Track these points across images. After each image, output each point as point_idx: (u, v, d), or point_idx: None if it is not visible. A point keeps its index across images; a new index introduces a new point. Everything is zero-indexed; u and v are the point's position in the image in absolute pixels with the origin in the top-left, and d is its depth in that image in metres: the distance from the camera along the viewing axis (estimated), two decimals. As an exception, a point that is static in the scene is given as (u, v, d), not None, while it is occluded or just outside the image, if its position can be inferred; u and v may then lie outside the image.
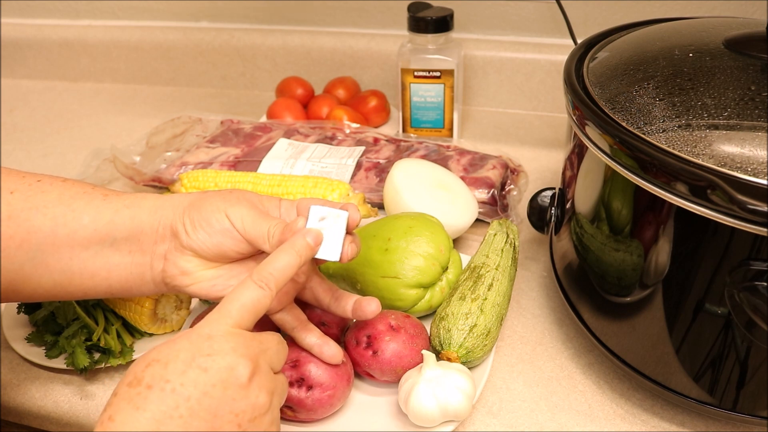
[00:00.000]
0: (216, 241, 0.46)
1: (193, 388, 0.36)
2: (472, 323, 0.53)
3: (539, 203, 0.64)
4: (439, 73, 0.84)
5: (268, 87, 1.10)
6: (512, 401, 0.55)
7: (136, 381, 0.36)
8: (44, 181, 0.49)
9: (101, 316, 0.59)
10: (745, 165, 0.39)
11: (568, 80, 0.52)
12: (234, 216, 0.46)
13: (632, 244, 0.47)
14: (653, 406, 0.54)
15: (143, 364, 0.37)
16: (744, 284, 0.41)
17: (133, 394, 0.36)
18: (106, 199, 0.48)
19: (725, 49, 0.49)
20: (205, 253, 0.46)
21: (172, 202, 0.48)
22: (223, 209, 0.46)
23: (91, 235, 0.46)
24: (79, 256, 0.47)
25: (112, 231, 0.47)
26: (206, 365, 0.37)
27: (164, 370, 0.36)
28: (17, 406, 0.58)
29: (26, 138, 1.01)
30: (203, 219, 0.46)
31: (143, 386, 0.36)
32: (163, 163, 0.84)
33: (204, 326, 0.39)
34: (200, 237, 0.46)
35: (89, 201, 0.48)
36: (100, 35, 1.14)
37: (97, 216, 0.47)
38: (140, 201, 0.48)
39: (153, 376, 0.36)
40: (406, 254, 0.57)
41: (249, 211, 0.46)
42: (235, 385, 0.37)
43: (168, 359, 0.37)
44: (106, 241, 0.47)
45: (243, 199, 0.47)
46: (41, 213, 0.46)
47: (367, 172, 0.78)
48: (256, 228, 0.45)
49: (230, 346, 0.38)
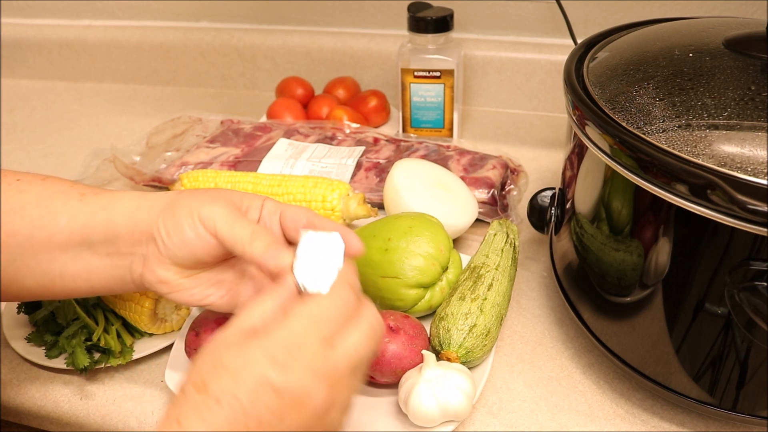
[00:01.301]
0: (191, 248, 0.44)
1: (264, 411, 0.34)
2: (471, 323, 0.53)
3: (539, 203, 0.64)
4: (439, 73, 0.84)
5: (268, 87, 1.10)
6: (512, 401, 0.55)
7: (203, 386, 0.34)
8: (23, 180, 0.48)
9: (101, 316, 0.59)
10: (745, 165, 0.39)
11: (568, 80, 0.52)
12: (206, 216, 0.43)
13: (632, 244, 0.47)
14: (653, 406, 0.54)
15: (209, 364, 0.35)
16: (744, 284, 0.41)
17: (200, 401, 0.34)
18: (82, 200, 0.47)
19: (725, 49, 0.49)
20: (181, 261, 0.45)
21: (148, 205, 0.46)
22: (196, 211, 0.44)
23: (68, 238, 0.46)
24: (58, 260, 0.46)
25: (89, 234, 0.46)
26: (279, 386, 0.34)
27: (233, 384, 0.34)
28: (17, 406, 0.58)
29: (26, 138, 1.01)
30: (177, 225, 0.44)
31: (211, 397, 0.34)
32: (163, 163, 0.84)
33: (282, 328, 0.36)
34: (175, 244, 0.44)
35: (66, 201, 0.47)
36: (100, 35, 1.14)
37: (73, 218, 0.46)
38: (116, 203, 0.46)
39: (221, 389, 0.34)
40: (406, 254, 0.57)
41: (222, 210, 0.44)
42: (311, 408, 0.34)
43: (238, 371, 0.34)
44: (83, 244, 0.46)
45: (218, 197, 0.45)
46: (19, 215, 0.46)
47: (367, 172, 0.78)
48: (229, 229, 0.43)
49: (304, 367, 0.35)
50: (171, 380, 0.53)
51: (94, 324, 0.58)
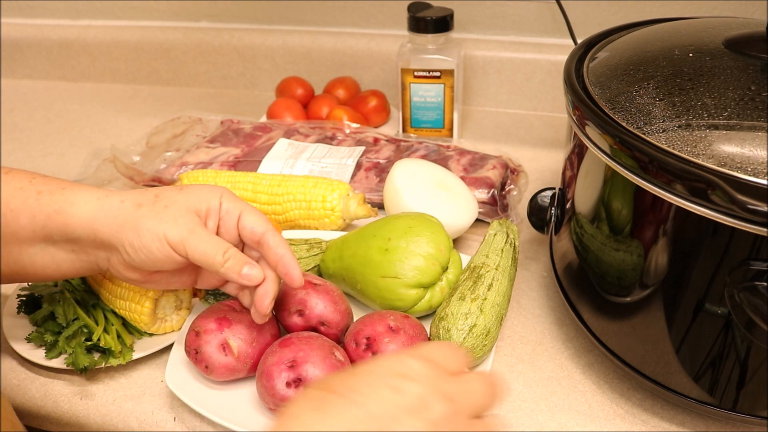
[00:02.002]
0: (158, 264, 0.46)
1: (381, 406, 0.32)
2: (471, 323, 0.53)
3: (539, 203, 0.64)
4: (439, 73, 0.84)
5: (268, 87, 1.10)
6: (512, 401, 0.55)
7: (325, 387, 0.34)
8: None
9: (101, 316, 0.59)
10: (745, 165, 0.39)
11: (568, 80, 0.52)
12: (174, 241, 0.45)
13: (632, 244, 0.47)
14: (653, 406, 0.54)
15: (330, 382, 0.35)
16: (744, 284, 0.41)
17: (317, 397, 0.33)
18: (38, 199, 0.48)
19: (725, 49, 0.49)
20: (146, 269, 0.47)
21: (104, 217, 0.46)
22: (162, 234, 0.45)
23: (31, 236, 0.48)
24: (26, 252, 0.48)
25: (49, 234, 0.47)
26: (399, 386, 0.33)
27: (353, 379, 0.34)
28: (17, 406, 0.58)
29: (26, 138, 1.01)
30: (143, 246, 0.45)
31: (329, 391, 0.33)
32: (163, 163, 0.84)
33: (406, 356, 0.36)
34: (142, 260, 0.46)
35: (24, 200, 0.48)
36: (100, 35, 1.14)
37: (32, 219, 0.47)
38: (70, 208, 0.47)
39: (341, 384, 0.34)
40: (406, 254, 0.57)
41: (189, 234, 0.45)
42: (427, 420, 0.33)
43: (359, 371, 0.34)
44: (46, 241, 0.48)
45: (179, 215, 0.46)
46: None
47: (367, 172, 0.78)
48: (201, 252, 0.45)
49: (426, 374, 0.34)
50: (171, 380, 0.53)
51: (94, 324, 0.58)
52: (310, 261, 0.63)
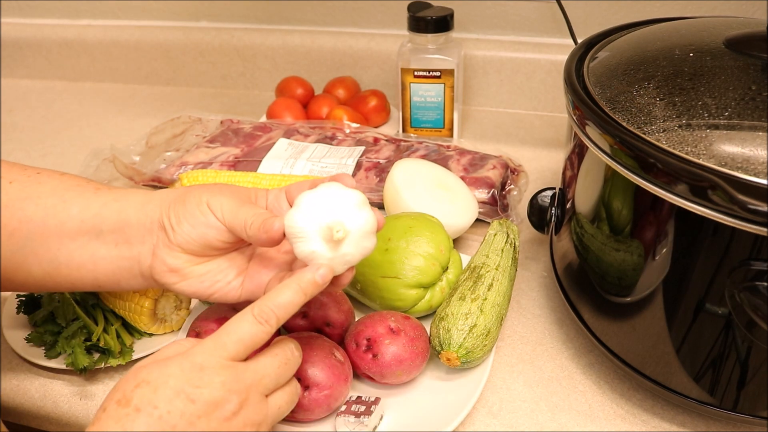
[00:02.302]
0: (200, 232, 0.46)
1: (179, 418, 0.37)
2: (471, 323, 0.53)
3: (539, 203, 0.64)
4: (439, 72, 0.84)
5: (268, 87, 1.10)
6: (512, 401, 0.55)
7: (125, 401, 0.37)
8: (43, 173, 0.50)
9: (101, 316, 0.59)
10: (745, 165, 0.39)
11: (569, 80, 0.52)
12: (215, 205, 0.46)
13: (632, 244, 0.47)
14: (653, 406, 0.54)
15: (133, 383, 0.38)
16: (744, 284, 0.41)
17: (122, 414, 0.37)
18: (97, 193, 0.49)
19: (725, 49, 0.49)
20: (191, 247, 0.46)
21: (160, 197, 0.48)
22: (205, 200, 0.46)
23: (78, 226, 0.47)
24: (66, 247, 0.47)
25: (99, 223, 0.47)
26: (194, 397, 0.38)
27: (153, 395, 0.37)
28: (17, 406, 0.58)
29: (26, 138, 1.01)
30: (187, 212, 0.46)
31: (132, 408, 0.37)
32: (162, 163, 0.84)
33: (198, 354, 0.39)
34: (185, 230, 0.46)
35: (81, 193, 0.49)
36: (100, 35, 1.14)
37: (86, 207, 0.48)
38: (129, 195, 0.49)
39: (142, 399, 0.37)
40: (406, 254, 0.57)
41: (229, 200, 0.46)
42: (220, 418, 0.38)
43: (158, 384, 0.38)
44: (92, 232, 0.47)
45: (225, 189, 0.48)
46: (34, 203, 0.48)
47: (367, 172, 0.78)
48: (235, 216, 0.45)
49: (220, 380, 0.39)
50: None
51: (94, 324, 0.58)
52: (310, 261, 0.63)
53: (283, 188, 0.49)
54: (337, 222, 0.41)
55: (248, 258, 0.49)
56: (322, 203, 0.42)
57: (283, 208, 0.48)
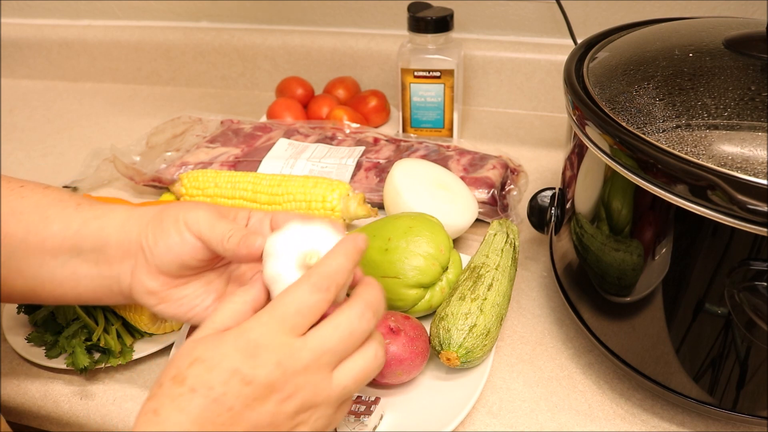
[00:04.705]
0: (175, 252, 0.44)
1: (235, 400, 0.36)
2: (471, 323, 0.53)
3: (539, 203, 0.64)
4: (439, 73, 0.84)
5: (268, 87, 1.10)
6: (512, 401, 0.55)
7: (180, 378, 0.36)
8: (26, 187, 0.49)
9: (101, 316, 0.59)
10: (745, 165, 0.39)
11: (568, 80, 0.52)
12: (191, 220, 0.45)
13: (632, 244, 0.47)
14: (653, 406, 0.54)
15: (188, 360, 0.37)
16: (744, 284, 0.41)
17: (176, 393, 0.36)
18: (78, 209, 0.48)
19: (725, 49, 0.49)
20: (167, 268, 0.45)
21: (139, 215, 0.47)
22: (182, 217, 0.45)
23: (59, 244, 0.47)
24: (48, 264, 0.47)
25: (79, 242, 0.46)
26: (250, 378, 0.36)
27: (208, 375, 0.36)
28: (17, 406, 0.58)
29: (26, 138, 1.01)
30: (163, 231, 0.45)
31: (186, 387, 0.36)
32: (163, 163, 0.84)
33: (253, 330, 0.37)
34: (161, 250, 0.45)
35: (62, 209, 0.48)
36: (100, 35, 1.14)
37: (67, 225, 0.47)
38: (110, 213, 0.47)
39: (197, 379, 0.36)
40: (406, 254, 0.57)
41: (206, 214, 0.45)
42: (278, 400, 0.37)
43: (213, 363, 0.36)
44: (73, 251, 0.47)
45: (202, 204, 0.47)
46: (16, 219, 0.47)
47: (367, 172, 0.78)
48: (212, 229, 0.44)
49: (276, 360, 0.37)
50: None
51: (94, 324, 0.58)
52: (310, 261, 0.63)
53: (270, 213, 0.48)
54: (315, 251, 0.41)
55: (226, 281, 0.48)
56: (308, 235, 0.42)
57: (264, 231, 0.47)
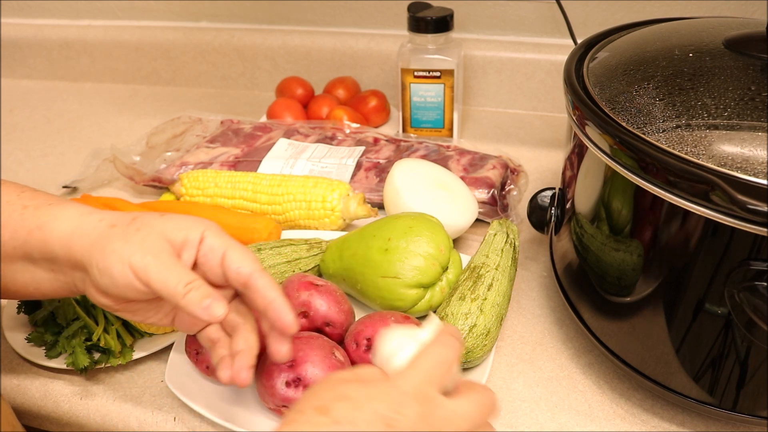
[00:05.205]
0: (122, 291, 0.43)
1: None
2: (471, 323, 0.53)
3: (539, 203, 0.64)
4: (439, 73, 0.84)
5: (268, 87, 1.10)
6: (512, 401, 0.55)
7: (325, 410, 0.36)
8: None
9: (101, 316, 0.59)
10: (745, 165, 0.39)
11: (568, 80, 0.52)
12: (137, 266, 0.42)
13: (632, 244, 0.47)
14: (653, 406, 0.54)
15: (333, 394, 0.37)
16: (744, 284, 0.41)
17: (319, 422, 0.35)
18: (23, 215, 0.46)
19: (725, 49, 0.49)
20: (114, 296, 0.44)
21: (81, 232, 0.45)
22: (126, 259, 0.42)
23: (12, 252, 0.46)
24: (9, 268, 0.47)
25: (29, 252, 0.46)
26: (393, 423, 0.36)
27: (354, 412, 0.36)
28: (17, 406, 0.58)
29: (26, 138, 1.01)
30: (107, 267, 0.43)
31: (330, 419, 0.35)
32: (163, 163, 0.84)
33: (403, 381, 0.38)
34: (107, 284, 0.43)
35: (9, 214, 0.47)
36: (100, 35, 1.14)
37: (14, 235, 0.46)
38: (52, 222, 0.46)
39: (342, 414, 0.35)
40: (406, 254, 0.57)
41: (154, 260, 0.42)
42: None
43: (360, 403, 0.36)
44: (26, 259, 0.46)
45: (149, 241, 0.43)
46: None
47: (367, 172, 0.78)
48: (163, 280, 0.42)
49: (420, 411, 0.37)
50: (171, 380, 0.53)
51: (94, 324, 0.58)
52: (310, 261, 0.63)
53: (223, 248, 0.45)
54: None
55: None
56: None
57: (213, 266, 0.45)
